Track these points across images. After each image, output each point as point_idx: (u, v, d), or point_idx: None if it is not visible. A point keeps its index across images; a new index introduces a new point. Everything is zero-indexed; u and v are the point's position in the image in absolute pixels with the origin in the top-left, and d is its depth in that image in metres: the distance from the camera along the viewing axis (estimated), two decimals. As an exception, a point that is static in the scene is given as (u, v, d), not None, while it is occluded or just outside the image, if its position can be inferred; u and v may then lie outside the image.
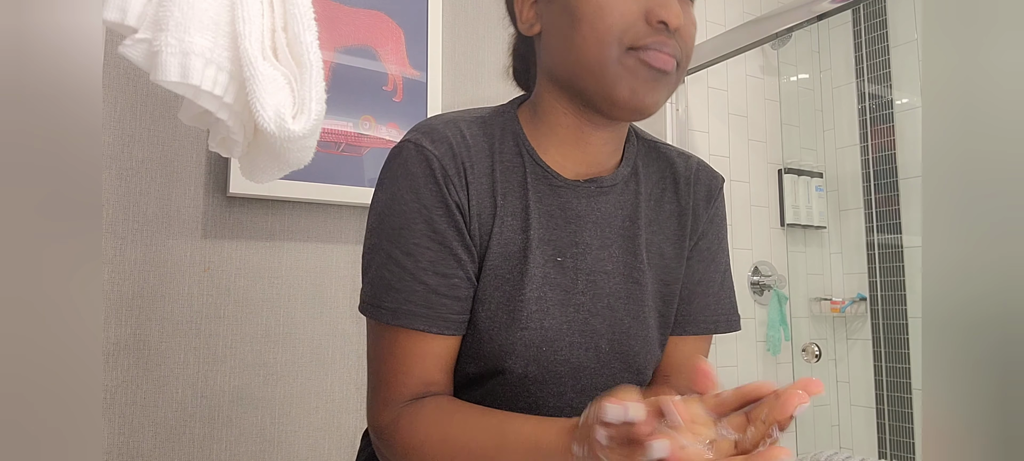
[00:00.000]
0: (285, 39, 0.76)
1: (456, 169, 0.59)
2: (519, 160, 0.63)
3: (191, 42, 0.68)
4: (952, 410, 0.39)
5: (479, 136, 0.63)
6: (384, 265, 0.59)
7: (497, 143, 0.63)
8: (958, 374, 0.39)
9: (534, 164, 0.63)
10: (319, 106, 0.76)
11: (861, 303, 2.07)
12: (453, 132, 0.61)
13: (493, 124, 0.65)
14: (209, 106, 0.72)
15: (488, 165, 0.62)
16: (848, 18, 2.18)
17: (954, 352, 0.40)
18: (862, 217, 2.10)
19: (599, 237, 0.64)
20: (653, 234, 0.68)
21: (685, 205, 0.70)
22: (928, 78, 0.42)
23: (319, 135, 0.80)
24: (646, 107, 0.59)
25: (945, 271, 0.40)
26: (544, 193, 0.63)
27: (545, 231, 0.62)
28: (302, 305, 1.29)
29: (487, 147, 0.62)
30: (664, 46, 0.57)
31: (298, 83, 0.75)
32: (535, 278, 0.60)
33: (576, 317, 0.62)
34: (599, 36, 0.57)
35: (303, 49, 0.75)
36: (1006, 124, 0.37)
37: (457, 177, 0.59)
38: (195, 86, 0.70)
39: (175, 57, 0.68)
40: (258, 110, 0.71)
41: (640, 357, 0.65)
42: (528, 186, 0.62)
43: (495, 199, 0.61)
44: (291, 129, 0.73)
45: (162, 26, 0.68)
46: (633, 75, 0.57)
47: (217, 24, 0.71)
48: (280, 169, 0.81)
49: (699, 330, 0.69)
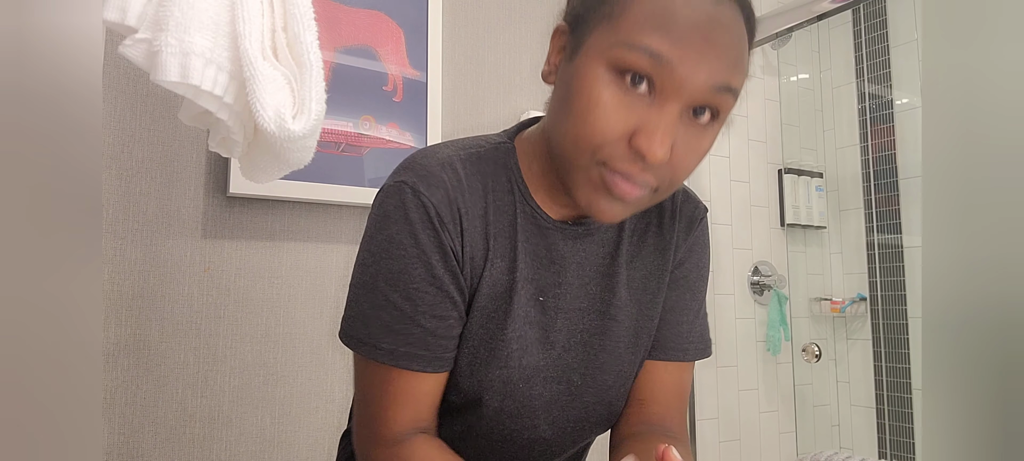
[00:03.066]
0: (285, 39, 0.76)
1: (452, 216, 0.59)
2: (511, 199, 0.62)
3: (191, 42, 0.68)
4: (952, 410, 0.39)
5: (474, 176, 0.61)
6: (381, 306, 0.59)
7: (491, 182, 0.62)
8: (958, 374, 0.39)
9: (524, 203, 0.63)
10: (319, 106, 0.76)
11: (861, 303, 2.07)
12: (449, 175, 0.59)
13: (488, 160, 0.63)
14: (209, 106, 0.72)
15: (482, 207, 0.61)
16: (848, 18, 2.18)
17: (954, 352, 0.40)
18: (862, 217, 2.11)
19: (579, 277, 0.65)
20: (635, 270, 0.68)
21: (668, 239, 0.69)
22: (928, 78, 0.42)
23: (319, 135, 0.80)
24: (602, 217, 0.55)
25: (945, 271, 0.40)
26: (532, 233, 0.63)
27: (530, 271, 0.62)
28: (302, 305, 1.29)
29: (481, 187, 0.61)
30: (634, 177, 0.53)
31: (298, 83, 0.75)
32: (517, 318, 0.61)
33: (551, 353, 0.64)
34: (577, 137, 0.53)
35: (303, 49, 0.75)
36: (1006, 124, 0.37)
37: (453, 224, 0.59)
38: (195, 86, 0.70)
39: (175, 57, 0.68)
40: (258, 110, 0.71)
41: (613, 390, 0.67)
42: (517, 226, 0.62)
43: (487, 241, 0.61)
44: (291, 129, 0.73)
45: (162, 26, 0.68)
46: (594, 188, 0.54)
47: (217, 24, 0.71)
48: (280, 169, 0.81)
49: (668, 356, 0.69)
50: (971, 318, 0.39)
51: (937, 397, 0.40)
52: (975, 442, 0.39)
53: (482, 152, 0.63)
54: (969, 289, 0.39)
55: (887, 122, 2.06)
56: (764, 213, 2.05)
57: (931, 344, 0.41)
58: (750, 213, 2.02)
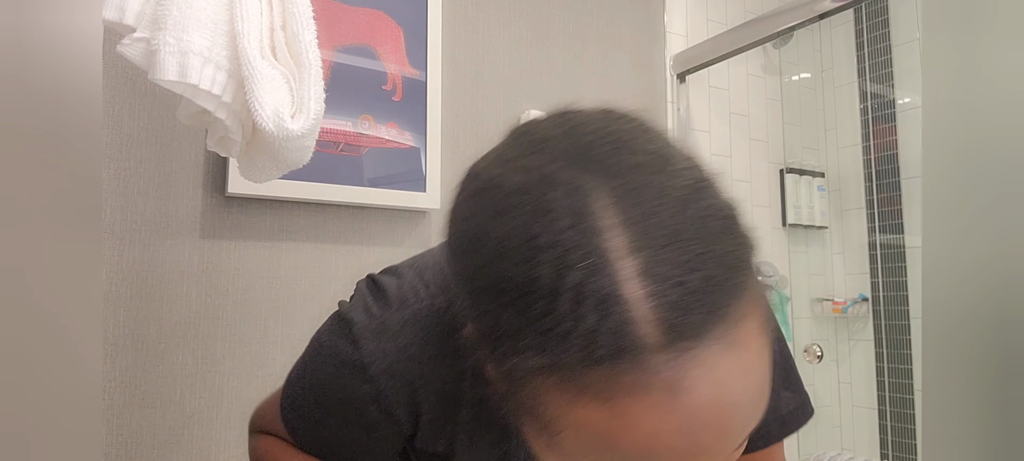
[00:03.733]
0: (284, 38, 0.76)
1: (409, 414, 0.54)
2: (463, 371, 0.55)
3: (189, 41, 0.68)
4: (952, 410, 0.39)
5: (434, 348, 0.53)
6: (315, 429, 0.59)
7: (450, 350, 0.53)
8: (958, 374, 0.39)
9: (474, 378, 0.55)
10: (318, 105, 0.76)
11: (863, 304, 2.06)
12: (410, 367, 0.52)
13: (445, 323, 0.53)
14: (207, 105, 0.72)
15: (438, 386, 0.53)
16: (850, 17, 2.18)
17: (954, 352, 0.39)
18: (864, 217, 2.10)
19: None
20: None
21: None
22: (928, 78, 0.41)
23: (318, 134, 0.80)
24: None
25: (945, 271, 0.40)
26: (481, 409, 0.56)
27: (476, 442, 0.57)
28: (301, 305, 1.29)
29: (441, 363, 0.53)
30: None
31: (297, 82, 0.75)
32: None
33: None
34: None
35: (302, 48, 0.75)
36: (1006, 124, 0.37)
37: (409, 422, 0.55)
38: (193, 85, 0.69)
39: (173, 56, 0.68)
40: (256, 109, 0.71)
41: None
42: (465, 400, 0.55)
43: (443, 422, 0.55)
44: (290, 128, 0.73)
45: (160, 25, 0.68)
46: None
47: (215, 23, 0.71)
48: (279, 169, 0.81)
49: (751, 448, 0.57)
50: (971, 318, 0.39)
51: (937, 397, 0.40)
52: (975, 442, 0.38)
53: (442, 311, 0.54)
54: (969, 289, 0.39)
55: (889, 121, 2.06)
56: (765, 213, 2.05)
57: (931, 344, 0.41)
58: (751, 213, 2.01)
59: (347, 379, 0.54)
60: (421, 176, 1.40)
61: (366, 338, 0.53)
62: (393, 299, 0.55)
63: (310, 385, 0.58)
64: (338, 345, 0.55)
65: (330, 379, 0.56)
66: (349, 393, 0.54)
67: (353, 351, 0.53)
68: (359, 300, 0.57)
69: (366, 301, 0.56)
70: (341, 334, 0.55)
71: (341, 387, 0.55)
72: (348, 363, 0.54)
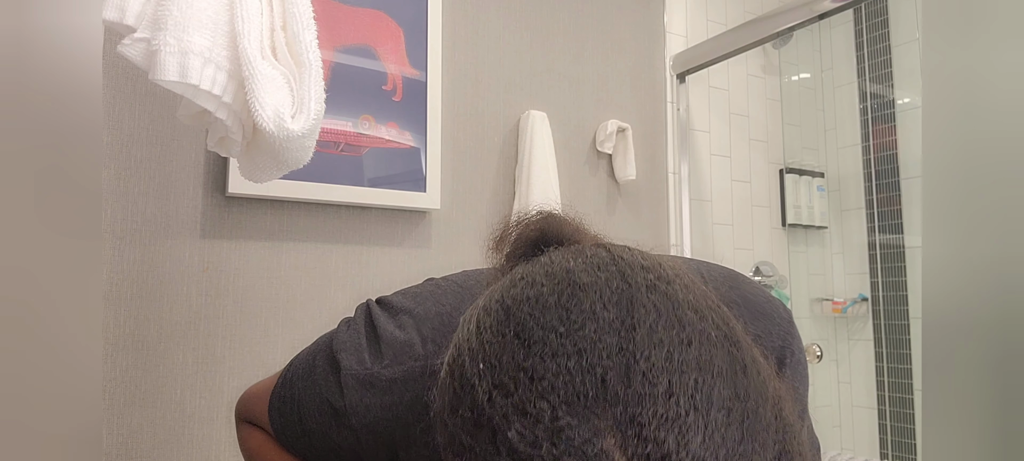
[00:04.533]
0: (284, 38, 0.76)
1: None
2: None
3: (190, 41, 0.68)
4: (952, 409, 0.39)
5: (421, 411, 0.50)
6: (297, 439, 0.58)
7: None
8: (958, 373, 0.39)
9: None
10: (318, 105, 0.76)
11: (863, 303, 2.07)
12: (394, 428, 0.51)
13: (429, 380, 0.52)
14: (208, 105, 0.72)
15: (420, 450, 0.51)
16: (849, 17, 2.18)
17: (954, 352, 0.39)
18: (863, 217, 2.10)
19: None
20: None
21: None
22: (928, 78, 0.41)
23: (318, 135, 0.80)
24: None
25: (945, 271, 0.40)
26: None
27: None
28: (301, 305, 1.29)
29: (427, 432, 0.50)
30: None
31: (297, 82, 0.75)
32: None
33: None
34: None
35: (302, 48, 0.75)
36: (1006, 124, 0.37)
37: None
38: (194, 85, 0.69)
39: (174, 56, 0.68)
40: (257, 109, 0.71)
41: None
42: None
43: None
44: (290, 129, 0.73)
45: (161, 25, 0.68)
46: None
47: (216, 23, 0.71)
48: (279, 169, 0.81)
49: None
50: (971, 318, 0.39)
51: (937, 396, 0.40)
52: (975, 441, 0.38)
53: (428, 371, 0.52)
54: (969, 289, 0.39)
55: (889, 121, 2.06)
56: (765, 213, 2.05)
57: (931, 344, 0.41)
58: (751, 213, 2.01)
59: (329, 418, 0.53)
60: (421, 176, 1.40)
61: (352, 388, 0.52)
62: (387, 351, 0.52)
63: (297, 401, 0.57)
64: (326, 383, 0.54)
65: (314, 409, 0.55)
66: (329, 429, 0.54)
67: (338, 398, 0.52)
68: (354, 338, 0.54)
69: (360, 344, 0.53)
70: (330, 372, 0.54)
71: (323, 421, 0.54)
72: (331, 406, 0.53)
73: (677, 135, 1.86)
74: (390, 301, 0.56)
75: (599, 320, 0.32)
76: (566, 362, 0.31)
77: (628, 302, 0.33)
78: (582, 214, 0.47)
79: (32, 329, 0.38)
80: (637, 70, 1.82)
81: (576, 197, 1.66)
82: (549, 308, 0.33)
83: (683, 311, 0.33)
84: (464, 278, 0.57)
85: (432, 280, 0.59)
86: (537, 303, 0.34)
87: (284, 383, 0.59)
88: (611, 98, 1.76)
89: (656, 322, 0.32)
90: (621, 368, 0.31)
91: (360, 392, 0.51)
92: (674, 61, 1.87)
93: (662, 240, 1.82)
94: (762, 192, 2.05)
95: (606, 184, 1.73)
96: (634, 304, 0.33)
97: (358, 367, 0.52)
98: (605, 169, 1.73)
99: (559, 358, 0.31)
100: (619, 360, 0.31)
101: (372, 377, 0.51)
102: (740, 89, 2.04)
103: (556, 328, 0.32)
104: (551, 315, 0.33)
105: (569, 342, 0.32)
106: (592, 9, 1.76)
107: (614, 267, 0.35)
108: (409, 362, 0.51)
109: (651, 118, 1.83)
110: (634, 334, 0.32)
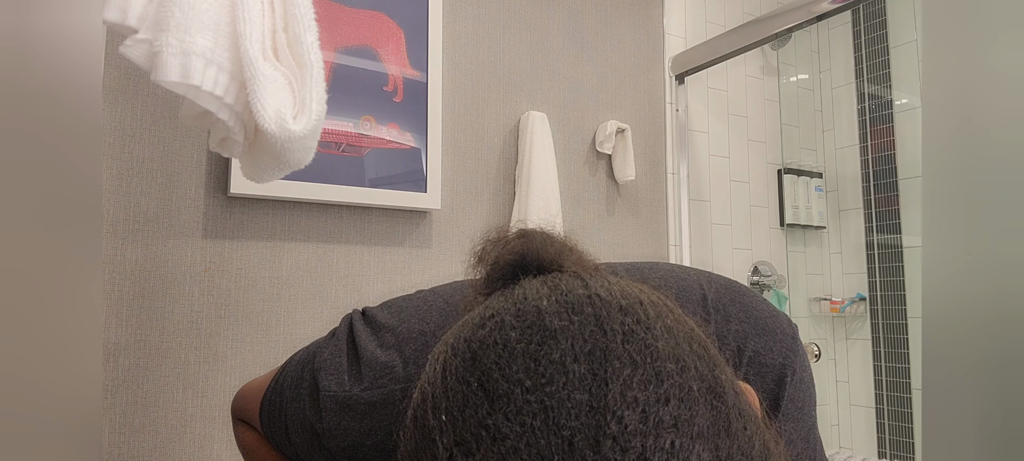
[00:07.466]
0: (286, 39, 0.76)
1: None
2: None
3: (192, 42, 0.68)
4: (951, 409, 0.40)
5: (397, 425, 0.50)
6: (285, 445, 0.58)
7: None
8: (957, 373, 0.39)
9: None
10: (320, 106, 0.76)
11: (861, 303, 2.07)
12: (370, 453, 0.51)
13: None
14: (209, 106, 0.72)
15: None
16: (848, 19, 2.18)
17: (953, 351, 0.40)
18: (862, 217, 2.11)
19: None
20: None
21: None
22: (928, 78, 0.42)
23: (320, 135, 0.80)
24: None
25: (945, 271, 0.40)
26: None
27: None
28: (302, 305, 1.29)
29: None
30: None
31: (299, 83, 0.75)
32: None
33: None
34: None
35: (304, 49, 0.75)
36: (1006, 124, 0.37)
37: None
38: (196, 86, 0.70)
39: (176, 57, 0.68)
40: (259, 110, 0.71)
41: None
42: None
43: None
44: (292, 129, 0.73)
45: (163, 26, 0.68)
46: None
47: (218, 25, 0.71)
48: (281, 169, 0.81)
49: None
50: (971, 318, 0.39)
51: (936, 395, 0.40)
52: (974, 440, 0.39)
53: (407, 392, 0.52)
54: (969, 289, 0.39)
55: (887, 122, 2.07)
56: (764, 213, 2.05)
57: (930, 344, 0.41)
58: (750, 213, 2.02)
59: (309, 435, 0.53)
60: (422, 176, 1.40)
61: (330, 410, 0.51)
62: (367, 372, 0.51)
63: (284, 411, 0.57)
64: (308, 401, 0.53)
65: (297, 424, 0.54)
66: (310, 448, 0.54)
67: (316, 419, 0.51)
68: (335, 358, 0.53)
69: (340, 363, 0.52)
70: (310, 391, 0.53)
71: (305, 437, 0.54)
72: (309, 425, 0.52)
73: (676, 136, 1.86)
74: (374, 316, 0.55)
75: (569, 374, 0.30)
76: (532, 421, 0.29)
77: (602, 353, 0.30)
78: (577, 224, 0.45)
79: (32, 329, 0.38)
80: (636, 71, 1.83)
81: (576, 197, 1.67)
82: (516, 357, 0.31)
83: (662, 363, 0.31)
84: (452, 292, 0.56)
85: (420, 293, 0.57)
86: (504, 350, 0.31)
87: (275, 389, 0.59)
88: (610, 99, 1.77)
89: (631, 377, 0.30)
90: (590, 430, 0.28)
91: (339, 415, 0.50)
92: (673, 62, 1.88)
93: (661, 240, 1.82)
94: (761, 192, 2.05)
95: (605, 184, 1.73)
96: (608, 356, 0.30)
97: (337, 389, 0.51)
98: (604, 169, 1.74)
99: (524, 416, 0.29)
100: (588, 420, 0.28)
101: (351, 400, 0.50)
102: (739, 90, 2.05)
103: (522, 382, 0.30)
104: (517, 366, 0.30)
105: (534, 399, 0.29)
106: (592, 10, 1.76)
107: (589, 309, 0.32)
108: (389, 385, 0.50)
109: (650, 119, 1.84)
110: (606, 391, 0.29)
